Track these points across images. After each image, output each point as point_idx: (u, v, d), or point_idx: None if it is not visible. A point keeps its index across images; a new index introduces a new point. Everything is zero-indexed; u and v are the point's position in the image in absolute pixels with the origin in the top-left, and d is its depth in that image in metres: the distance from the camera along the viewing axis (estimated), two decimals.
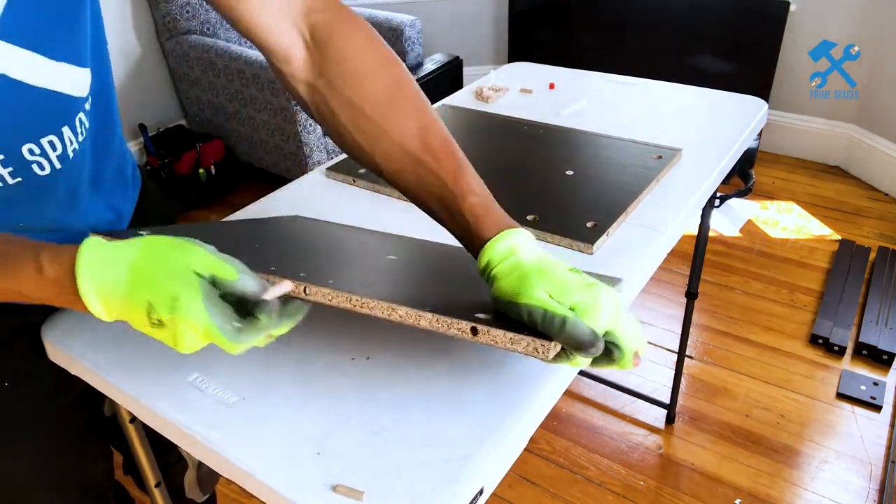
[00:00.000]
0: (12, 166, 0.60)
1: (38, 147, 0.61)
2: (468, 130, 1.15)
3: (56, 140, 0.63)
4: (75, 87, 0.63)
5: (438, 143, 0.60)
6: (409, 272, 0.71)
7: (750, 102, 1.21)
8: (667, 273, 2.22)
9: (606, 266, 0.77)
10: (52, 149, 0.63)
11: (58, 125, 0.63)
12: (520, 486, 1.54)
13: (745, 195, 2.64)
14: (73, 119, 0.64)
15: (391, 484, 0.51)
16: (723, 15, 2.69)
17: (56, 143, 0.63)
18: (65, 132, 0.63)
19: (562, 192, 0.92)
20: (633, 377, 1.82)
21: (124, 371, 0.64)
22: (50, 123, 0.62)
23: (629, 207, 0.87)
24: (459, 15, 3.42)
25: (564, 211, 0.86)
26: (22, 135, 0.60)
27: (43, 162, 0.62)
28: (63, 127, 0.63)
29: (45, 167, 0.63)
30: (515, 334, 0.49)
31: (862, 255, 2.24)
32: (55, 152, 0.63)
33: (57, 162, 0.63)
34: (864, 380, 1.76)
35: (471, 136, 1.13)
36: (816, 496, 1.47)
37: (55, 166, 0.63)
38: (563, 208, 0.87)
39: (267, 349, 0.65)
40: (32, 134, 0.61)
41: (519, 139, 1.09)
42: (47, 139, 0.62)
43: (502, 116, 1.19)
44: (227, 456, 0.55)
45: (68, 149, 0.64)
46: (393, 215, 0.90)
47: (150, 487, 0.84)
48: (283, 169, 2.73)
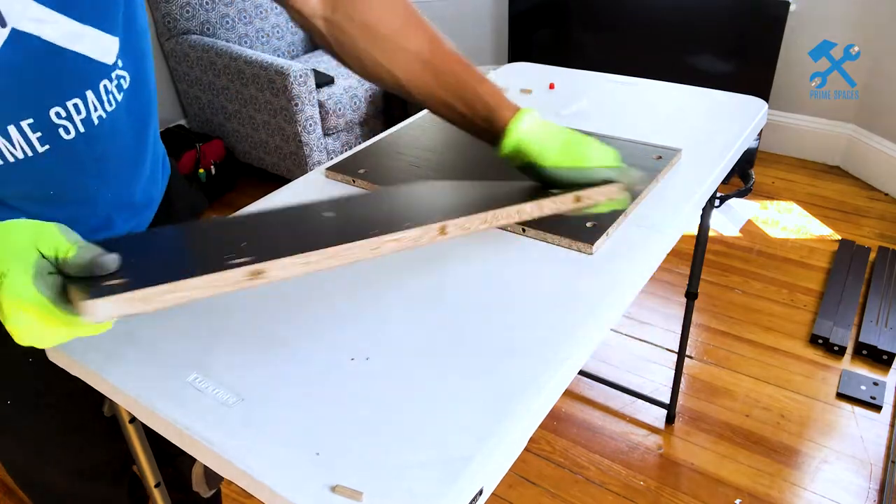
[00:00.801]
0: (41, 131, 0.61)
1: (64, 110, 0.62)
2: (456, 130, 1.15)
3: (80, 103, 0.64)
4: (101, 52, 0.64)
5: (448, 47, 0.68)
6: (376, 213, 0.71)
7: (750, 102, 1.21)
8: (667, 273, 2.22)
9: (606, 266, 0.77)
10: (77, 112, 0.64)
11: (82, 88, 0.63)
12: (520, 486, 1.54)
13: (745, 195, 2.64)
14: (98, 84, 0.65)
15: (390, 484, 0.51)
16: (723, 15, 2.69)
17: (80, 106, 0.64)
18: (89, 96, 0.64)
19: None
20: (633, 377, 1.83)
21: (124, 371, 0.64)
22: (75, 86, 0.63)
23: (629, 207, 0.87)
24: (459, 15, 3.42)
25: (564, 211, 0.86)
26: (49, 97, 0.61)
27: (69, 125, 0.63)
28: (87, 91, 0.64)
29: (71, 131, 0.64)
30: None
31: (862, 255, 2.24)
32: (79, 116, 0.64)
33: (81, 126, 0.64)
34: (864, 380, 1.76)
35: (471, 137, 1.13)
36: (816, 496, 1.47)
37: (80, 130, 0.64)
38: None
39: (266, 349, 0.66)
40: (59, 97, 0.62)
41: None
42: (72, 102, 0.63)
43: None
44: (227, 456, 0.55)
45: (93, 114, 0.65)
46: None
47: (149, 487, 0.84)
48: (283, 169, 2.73)
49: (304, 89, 2.46)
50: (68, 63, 0.61)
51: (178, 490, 0.90)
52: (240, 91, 2.64)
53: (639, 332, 1.99)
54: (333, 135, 2.70)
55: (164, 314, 0.72)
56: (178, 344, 0.67)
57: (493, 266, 0.78)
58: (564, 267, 0.77)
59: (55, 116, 0.62)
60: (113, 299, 0.46)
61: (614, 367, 1.87)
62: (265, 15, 2.93)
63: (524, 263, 0.78)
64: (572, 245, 0.80)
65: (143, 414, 0.62)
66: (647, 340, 1.96)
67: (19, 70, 0.57)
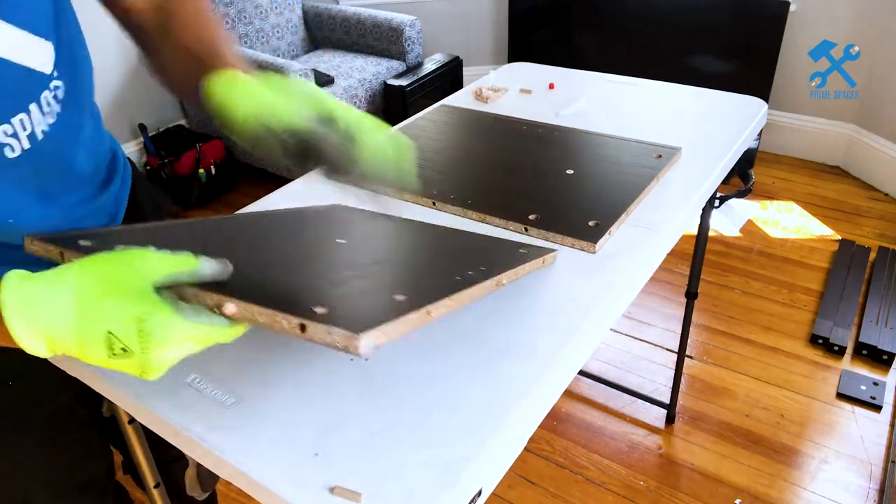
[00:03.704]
0: None
1: (11, 127, 0.59)
2: (468, 131, 1.15)
3: (25, 118, 0.60)
4: (39, 61, 0.61)
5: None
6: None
7: (750, 102, 1.21)
8: (667, 273, 2.22)
9: (606, 266, 0.77)
10: (23, 128, 0.60)
11: (26, 101, 0.60)
12: (520, 486, 1.54)
13: (745, 195, 2.63)
14: (40, 96, 0.62)
15: (389, 485, 0.51)
16: (723, 15, 2.69)
17: (26, 121, 0.61)
18: (33, 110, 0.61)
19: (563, 192, 0.92)
20: (633, 377, 1.82)
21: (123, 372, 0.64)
22: (21, 100, 0.60)
23: (630, 206, 0.87)
24: (459, 15, 3.42)
25: (566, 210, 0.86)
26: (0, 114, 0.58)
27: (14, 143, 0.60)
28: (31, 104, 0.61)
29: (16, 149, 0.60)
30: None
31: (862, 255, 2.24)
32: (25, 132, 0.61)
33: (27, 142, 0.61)
34: (864, 380, 1.76)
35: (471, 137, 1.13)
36: (816, 496, 1.47)
37: (24, 147, 0.61)
38: (564, 208, 0.87)
39: (266, 350, 0.65)
40: (6, 113, 0.59)
41: (519, 139, 1.09)
42: (18, 118, 0.60)
43: (501, 116, 1.18)
44: (225, 457, 0.55)
45: (37, 129, 0.62)
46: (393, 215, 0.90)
47: (149, 488, 0.84)
48: (284, 169, 2.73)
49: None
50: (13, 75, 0.58)
51: (174, 497, 0.89)
52: None
53: (639, 332, 1.99)
54: None
55: None
56: None
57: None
58: (564, 267, 0.77)
59: (2, 134, 0.58)
60: (391, 326, 0.44)
61: (614, 367, 1.87)
62: (265, 15, 2.93)
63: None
64: (575, 244, 0.80)
65: (142, 415, 0.62)
66: (647, 340, 1.96)
67: None
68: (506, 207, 0.87)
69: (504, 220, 0.85)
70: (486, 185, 0.95)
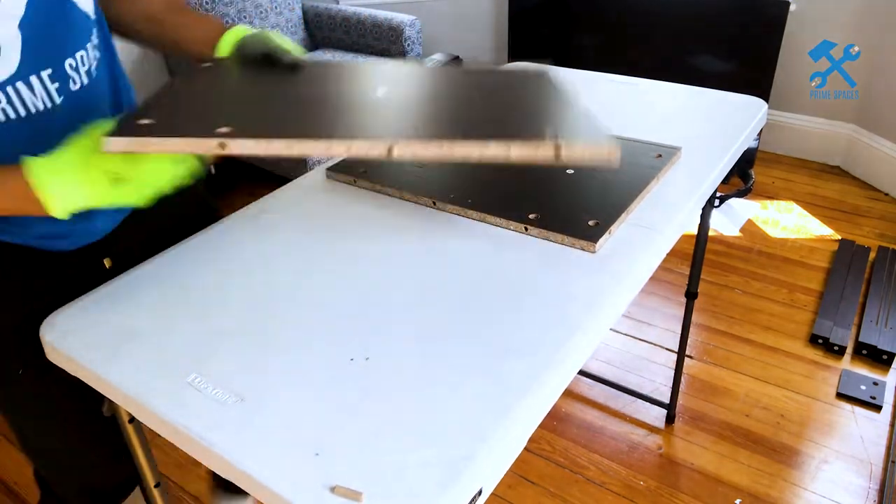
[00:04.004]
0: (58, 81, 0.68)
1: (74, 61, 0.69)
2: None
3: (84, 55, 0.70)
4: (88, 5, 0.71)
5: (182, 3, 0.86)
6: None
7: (750, 102, 1.21)
8: (667, 273, 2.22)
9: (606, 265, 0.77)
10: (82, 63, 0.70)
11: (83, 41, 0.70)
12: (520, 486, 1.54)
13: (744, 195, 2.64)
14: (89, 39, 0.72)
15: (390, 484, 0.51)
16: (723, 15, 2.69)
17: (84, 57, 0.71)
18: (89, 49, 0.71)
19: (563, 191, 0.92)
20: (633, 377, 1.82)
21: (123, 371, 0.64)
22: (79, 39, 0.70)
23: (631, 206, 0.87)
24: (459, 15, 3.42)
25: (566, 209, 0.86)
26: (64, 49, 0.67)
27: (76, 76, 0.70)
28: (87, 44, 0.71)
29: (77, 82, 0.70)
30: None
31: (862, 255, 2.24)
32: (84, 67, 0.71)
33: (85, 77, 0.71)
34: (864, 380, 1.76)
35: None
36: (816, 496, 1.47)
37: (83, 82, 0.71)
38: (564, 207, 0.87)
39: (266, 350, 0.66)
40: (70, 48, 0.68)
41: None
42: (79, 54, 0.70)
43: None
44: (226, 457, 0.55)
45: (92, 66, 0.72)
46: (393, 215, 0.90)
47: (149, 488, 0.84)
48: (284, 169, 2.73)
49: None
50: (74, 16, 0.68)
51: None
52: None
53: (639, 332, 1.99)
54: None
55: (164, 314, 0.72)
56: (178, 344, 0.67)
57: (493, 266, 0.78)
58: (563, 266, 0.77)
59: (69, 67, 0.68)
60: (125, 140, 0.56)
61: (614, 367, 1.87)
62: (265, 15, 2.93)
63: (523, 263, 0.78)
64: (575, 243, 0.80)
65: (142, 414, 0.62)
66: (647, 340, 1.96)
67: (42, 23, 0.63)
68: (506, 206, 0.87)
69: (505, 219, 0.85)
70: (486, 184, 0.95)
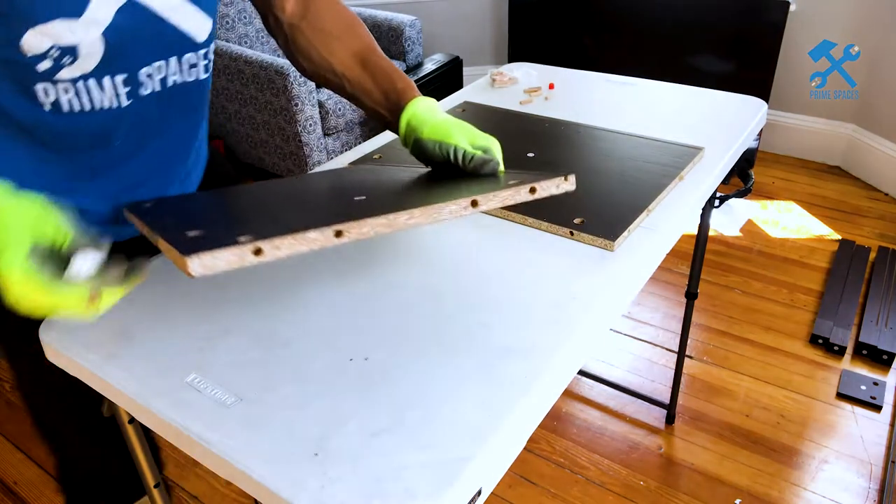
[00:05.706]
0: (129, 86, 0.71)
1: (150, 70, 0.72)
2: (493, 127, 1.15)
3: (163, 65, 0.73)
4: (196, 29, 0.74)
5: (379, 52, 0.86)
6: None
7: (750, 102, 1.21)
8: (667, 273, 2.22)
9: (606, 265, 0.77)
10: (158, 72, 0.73)
11: (169, 54, 0.73)
12: (520, 486, 1.54)
13: (744, 195, 2.64)
14: (183, 55, 0.74)
15: (389, 485, 0.51)
16: (723, 15, 2.69)
17: (163, 67, 0.73)
18: (171, 62, 0.73)
19: (595, 190, 0.92)
20: (633, 377, 1.83)
21: (122, 372, 0.64)
22: (164, 51, 0.72)
23: (651, 205, 0.87)
24: (459, 15, 3.42)
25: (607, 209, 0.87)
26: (144, 58, 0.70)
27: (149, 84, 0.72)
28: (172, 57, 0.73)
29: (149, 88, 0.73)
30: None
31: (862, 255, 2.24)
32: (159, 76, 0.73)
33: (157, 85, 0.74)
34: (864, 380, 1.76)
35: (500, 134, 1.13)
36: (816, 496, 1.47)
37: (155, 89, 0.74)
38: (604, 206, 0.87)
39: (265, 349, 0.66)
40: (150, 58, 0.71)
41: (544, 137, 1.09)
42: (157, 64, 0.72)
43: (525, 114, 1.18)
44: (225, 456, 0.55)
45: (169, 78, 0.74)
46: None
47: (149, 488, 0.84)
48: (284, 169, 2.73)
49: (304, 89, 2.46)
50: (167, 34, 0.70)
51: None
52: (240, 91, 2.64)
53: (639, 332, 1.99)
54: (333, 135, 2.70)
55: (164, 314, 0.72)
56: (178, 344, 0.67)
57: (492, 266, 0.78)
58: (563, 267, 0.77)
59: (143, 75, 0.71)
60: (219, 253, 0.49)
61: (614, 367, 1.87)
62: None
63: (522, 263, 0.78)
64: (594, 241, 0.80)
65: (141, 414, 0.62)
66: (647, 340, 1.96)
67: (126, 32, 0.66)
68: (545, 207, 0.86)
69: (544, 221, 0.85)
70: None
